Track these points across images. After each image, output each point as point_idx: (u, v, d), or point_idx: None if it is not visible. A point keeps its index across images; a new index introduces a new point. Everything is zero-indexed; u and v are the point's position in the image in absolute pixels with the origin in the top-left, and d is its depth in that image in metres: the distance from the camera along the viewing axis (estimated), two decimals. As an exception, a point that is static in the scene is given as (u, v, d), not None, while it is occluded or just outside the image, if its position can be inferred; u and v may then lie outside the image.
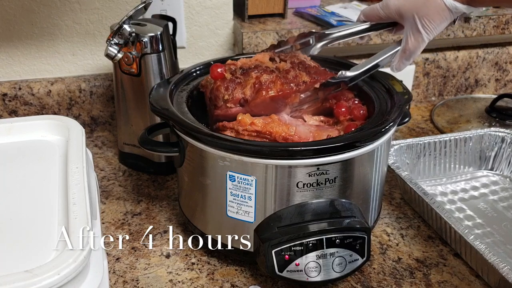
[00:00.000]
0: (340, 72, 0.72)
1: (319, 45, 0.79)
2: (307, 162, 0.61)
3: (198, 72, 0.81)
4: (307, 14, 1.07)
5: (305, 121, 0.74)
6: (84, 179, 0.53)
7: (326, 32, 0.79)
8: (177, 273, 0.70)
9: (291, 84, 0.70)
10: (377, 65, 0.73)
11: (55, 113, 1.01)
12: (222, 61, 0.78)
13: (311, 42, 0.79)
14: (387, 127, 0.65)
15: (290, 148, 0.61)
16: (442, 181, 0.91)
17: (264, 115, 0.70)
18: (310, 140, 0.67)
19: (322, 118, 0.75)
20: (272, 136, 0.67)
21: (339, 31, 0.78)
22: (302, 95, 0.72)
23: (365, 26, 0.76)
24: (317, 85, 0.72)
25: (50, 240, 0.47)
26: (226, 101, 0.71)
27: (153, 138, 0.73)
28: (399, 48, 0.72)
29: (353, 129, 0.69)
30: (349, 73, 0.72)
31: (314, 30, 0.79)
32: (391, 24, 0.74)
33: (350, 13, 1.08)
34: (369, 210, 0.71)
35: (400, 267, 0.71)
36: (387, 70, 0.75)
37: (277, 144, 0.64)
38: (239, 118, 0.68)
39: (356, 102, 0.76)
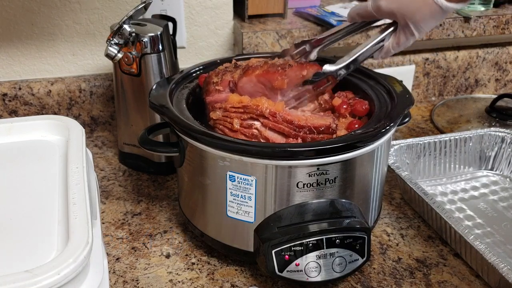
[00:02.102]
0: (324, 66, 0.72)
1: (315, 50, 0.80)
2: (307, 162, 0.61)
3: (199, 72, 0.81)
4: (307, 14, 1.07)
5: None
6: (84, 179, 0.53)
7: (319, 38, 0.79)
8: (177, 273, 0.70)
9: (278, 68, 0.72)
10: (362, 56, 0.73)
11: (55, 113, 1.01)
12: (219, 63, 0.80)
13: (307, 49, 0.79)
14: (387, 128, 0.64)
15: (290, 149, 0.61)
16: (442, 181, 0.91)
17: None
18: (302, 120, 0.68)
19: (321, 113, 0.76)
20: (259, 110, 0.67)
21: (332, 35, 0.78)
22: (292, 93, 0.73)
23: (356, 24, 0.78)
24: (304, 72, 0.72)
25: (50, 240, 0.47)
26: (215, 84, 0.72)
27: (153, 138, 0.73)
28: (382, 36, 0.73)
29: (356, 126, 0.69)
30: (333, 67, 0.72)
31: (306, 39, 0.80)
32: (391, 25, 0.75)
33: (350, 13, 1.08)
34: (369, 210, 0.71)
35: (400, 267, 0.71)
36: (387, 70, 0.75)
37: (277, 145, 0.64)
38: (229, 98, 0.70)
39: (357, 98, 0.76)
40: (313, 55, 0.79)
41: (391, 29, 0.73)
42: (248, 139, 0.67)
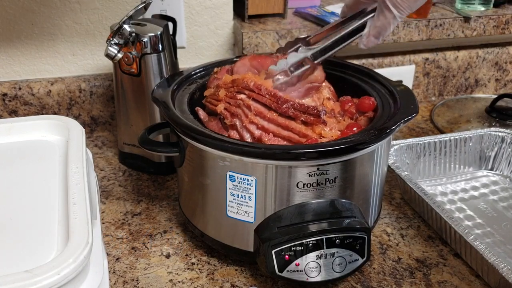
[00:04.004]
0: (299, 48, 0.72)
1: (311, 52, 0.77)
2: (307, 162, 0.61)
3: (201, 73, 0.81)
4: (307, 14, 1.08)
5: None
6: (84, 179, 0.53)
7: (314, 36, 0.77)
8: (177, 273, 0.70)
9: (272, 55, 0.76)
10: (340, 40, 0.72)
11: (55, 113, 1.01)
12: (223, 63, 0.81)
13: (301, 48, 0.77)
14: (392, 129, 0.64)
15: (292, 151, 0.61)
16: (442, 181, 0.91)
17: None
18: (288, 97, 0.68)
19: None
20: (245, 81, 0.68)
21: (327, 32, 0.76)
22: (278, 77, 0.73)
23: (347, 19, 0.74)
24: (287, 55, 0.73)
25: (50, 240, 0.47)
26: (215, 73, 0.76)
27: (153, 138, 0.73)
28: (362, 21, 0.71)
29: (354, 128, 0.69)
30: (309, 51, 0.71)
31: (301, 36, 0.78)
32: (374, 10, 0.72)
33: (350, 13, 1.07)
34: (369, 210, 0.71)
35: (400, 267, 0.71)
36: (387, 70, 0.75)
37: (278, 147, 0.64)
38: (223, 78, 0.73)
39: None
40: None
41: (372, 14, 0.71)
42: (231, 107, 0.68)
